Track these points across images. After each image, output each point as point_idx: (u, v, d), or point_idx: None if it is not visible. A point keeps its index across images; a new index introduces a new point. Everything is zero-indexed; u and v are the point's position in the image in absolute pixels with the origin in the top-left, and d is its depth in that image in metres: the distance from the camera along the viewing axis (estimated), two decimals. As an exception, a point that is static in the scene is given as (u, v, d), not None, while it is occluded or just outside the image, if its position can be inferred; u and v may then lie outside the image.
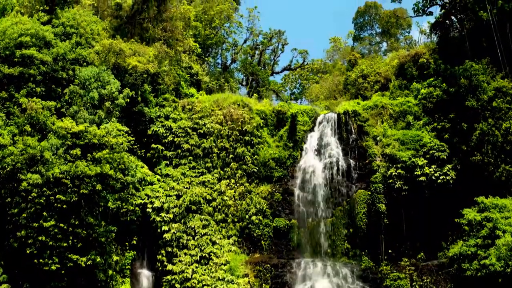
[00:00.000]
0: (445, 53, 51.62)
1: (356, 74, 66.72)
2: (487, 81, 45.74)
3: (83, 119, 39.97)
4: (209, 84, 59.26)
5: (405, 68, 58.45)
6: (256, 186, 44.99)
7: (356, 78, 66.17)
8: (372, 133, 47.19)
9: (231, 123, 46.41)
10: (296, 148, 47.00)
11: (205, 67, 61.38)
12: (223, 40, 67.21)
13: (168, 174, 44.09)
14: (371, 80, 63.90)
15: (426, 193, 43.54)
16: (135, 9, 51.86)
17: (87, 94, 41.48)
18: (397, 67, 60.85)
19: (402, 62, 59.69)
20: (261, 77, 73.47)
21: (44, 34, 45.03)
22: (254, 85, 74.08)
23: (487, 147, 43.40)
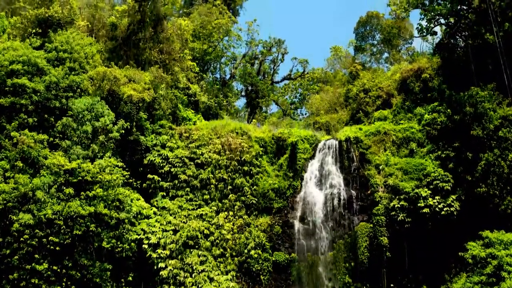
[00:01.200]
0: (449, 75, 50.35)
1: (357, 88, 65.47)
2: (493, 108, 44.45)
3: (76, 156, 38.80)
4: (208, 103, 58.01)
5: (408, 83, 57.34)
6: (255, 218, 43.86)
7: (357, 93, 64.91)
8: (375, 161, 45.97)
9: (229, 152, 45.20)
10: (296, 178, 45.82)
11: (203, 84, 60.12)
12: (222, 54, 65.82)
13: (165, 207, 42.96)
14: (372, 95, 62.62)
15: (429, 224, 42.38)
16: (131, 30, 50.61)
17: (80, 127, 40.29)
18: (399, 82, 59.69)
19: (404, 77, 58.54)
20: (260, 88, 72.14)
21: (36, 61, 43.99)
22: (254, 95, 72.81)
23: (492, 179, 42.20)
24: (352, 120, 64.20)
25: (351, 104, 65.60)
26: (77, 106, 40.58)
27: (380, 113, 57.89)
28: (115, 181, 38.78)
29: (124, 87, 43.92)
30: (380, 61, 78.68)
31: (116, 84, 44.18)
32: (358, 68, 70.10)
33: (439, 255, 42.25)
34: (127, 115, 44.01)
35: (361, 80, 66.21)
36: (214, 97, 60.38)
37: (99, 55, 48.99)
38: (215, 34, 62.86)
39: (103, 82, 43.75)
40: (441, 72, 51.60)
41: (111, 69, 44.43)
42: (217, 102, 59.90)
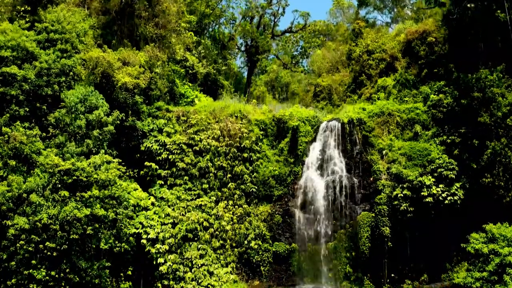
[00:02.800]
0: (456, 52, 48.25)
1: (360, 49, 63.32)
2: (502, 93, 42.82)
3: (70, 154, 37.56)
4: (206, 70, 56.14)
5: (413, 46, 55.50)
6: (255, 207, 43.10)
7: (360, 54, 62.85)
8: (378, 145, 44.76)
9: (228, 139, 43.85)
10: (297, 163, 44.73)
11: (200, 49, 57.93)
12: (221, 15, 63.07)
13: (163, 197, 42.05)
14: (376, 57, 60.74)
15: (432, 213, 41.73)
16: (125, 2, 47.92)
17: (73, 121, 38.80)
18: (404, 44, 57.77)
19: (409, 39, 56.63)
20: (260, 43, 69.78)
21: (26, 45, 41.92)
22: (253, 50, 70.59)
23: (498, 169, 41.22)
24: (355, 83, 62.61)
25: (354, 66, 63.59)
26: (70, 100, 38.93)
27: (384, 81, 56.24)
28: (111, 180, 37.69)
29: (118, 73, 42.04)
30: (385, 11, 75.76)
31: (111, 68, 42.26)
32: (362, 25, 67.47)
33: (441, 244, 41.83)
34: (123, 103, 42.38)
35: (365, 40, 63.91)
36: (213, 63, 58.34)
37: (92, 31, 46.71)
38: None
39: (96, 69, 41.82)
40: (448, 48, 49.45)
41: (104, 54, 42.37)
42: (216, 68, 57.92)
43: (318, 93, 63.73)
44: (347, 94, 62.58)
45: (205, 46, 58.05)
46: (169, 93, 48.25)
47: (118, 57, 43.34)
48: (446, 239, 41.61)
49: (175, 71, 49.59)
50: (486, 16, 46.81)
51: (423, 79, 50.06)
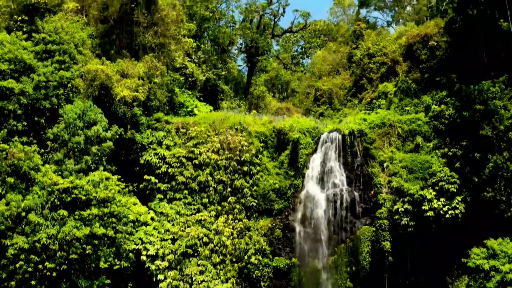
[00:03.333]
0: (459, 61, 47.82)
1: (361, 52, 62.91)
2: (505, 105, 42.54)
3: (68, 172, 37.25)
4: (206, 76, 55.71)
5: (414, 50, 55.20)
6: (256, 221, 42.78)
7: (361, 57, 62.40)
8: (379, 157, 44.46)
9: (228, 152, 43.43)
10: (298, 176, 44.40)
11: (200, 54, 57.40)
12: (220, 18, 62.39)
13: (163, 212, 41.71)
14: (377, 61, 60.27)
15: (433, 227, 41.58)
16: (123, 10, 47.31)
17: (72, 138, 38.43)
18: (405, 48, 57.45)
19: (410, 42, 56.40)
20: (260, 45, 69.24)
21: (24, 58, 41.57)
22: (253, 51, 70.02)
23: (500, 183, 41.07)
24: (356, 87, 62.21)
25: (355, 70, 63.18)
26: (69, 116, 38.53)
27: (385, 87, 55.91)
28: (111, 197, 37.43)
29: (117, 86, 41.56)
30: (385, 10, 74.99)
31: (109, 80, 41.82)
32: (362, 26, 67.04)
33: (441, 258, 41.80)
34: (121, 116, 42.03)
35: (365, 42, 63.45)
36: (213, 68, 57.85)
37: (90, 40, 46.20)
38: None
39: (95, 82, 41.39)
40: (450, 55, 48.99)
41: (103, 67, 41.86)
42: (215, 74, 57.44)
43: (319, 97, 63.30)
44: (347, 98, 62.19)
45: (205, 51, 57.47)
46: (169, 103, 47.91)
47: (116, 69, 42.85)
48: (447, 253, 41.51)
49: (174, 79, 49.18)
50: (488, 24, 46.43)
51: (424, 88, 49.68)
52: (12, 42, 42.06)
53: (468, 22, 47.32)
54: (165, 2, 48.47)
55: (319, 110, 62.26)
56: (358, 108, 59.91)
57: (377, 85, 59.88)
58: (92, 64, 42.17)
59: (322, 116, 61.26)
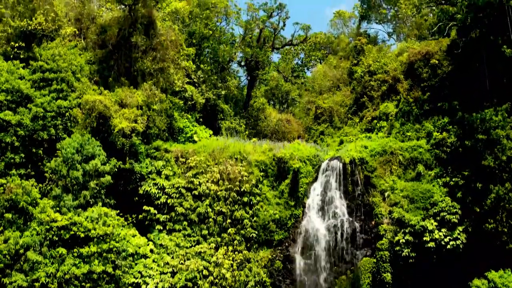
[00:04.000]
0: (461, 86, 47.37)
1: (362, 69, 62.44)
2: (507, 135, 42.08)
3: (66, 209, 36.96)
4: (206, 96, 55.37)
5: (415, 68, 54.83)
6: (256, 252, 42.45)
7: (362, 75, 62.00)
8: (380, 186, 44.09)
9: (228, 182, 43.11)
10: (298, 206, 44.07)
11: (200, 74, 56.96)
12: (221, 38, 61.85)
13: (162, 244, 41.43)
14: (378, 78, 59.89)
15: (434, 258, 41.25)
16: (122, 35, 46.84)
17: (70, 172, 38.11)
18: (406, 65, 57.00)
19: (411, 60, 55.90)
20: (260, 59, 68.80)
21: (21, 88, 41.32)
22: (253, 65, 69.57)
23: (502, 214, 40.65)
24: (356, 105, 61.82)
25: (355, 87, 62.72)
26: (67, 151, 38.18)
27: (386, 107, 55.55)
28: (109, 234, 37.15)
29: (115, 116, 41.18)
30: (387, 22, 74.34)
31: (108, 111, 41.45)
32: (363, 41, 66.56)
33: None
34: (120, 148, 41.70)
35: (366, 59, 62.98)
36: (213, 87, 57.43)
37: (88, 67, 45.80)
38: (212, 16, 58.82)
39: (93, 113, 41.04)
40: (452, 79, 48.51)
41: (101, 97, 41.46)
42: (215, 94, 57.04)
43: (319, 115, 62.91)
44: (348, 116, 61.79)
45: (204, 70, 57.01)
46: (168, 128, 47.57)
47: (115, 99, 42.44)
48: (448, 285, 41.12)
49: (173, 103, 48.74)
50: (491, 50, 45.94)
51: (426, 113, 49.15)
52: (9, 71, 41.84)
53: (470, 46, 46.81)
54: (164, 25, 47.98)
55: (319, 128, 61.89)
56: (359, 126, 59.61)
57: (378, 103, 59.53)
58: (90, 95, 41.81)
59: (322, 135, 60.98)
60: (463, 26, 47.05)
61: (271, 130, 75.90)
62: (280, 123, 78.80)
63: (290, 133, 76.98)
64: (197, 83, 56.21)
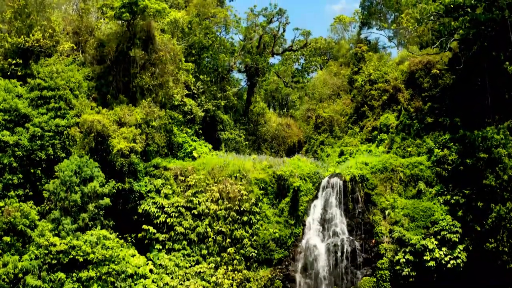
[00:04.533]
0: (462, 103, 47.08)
1: (362, 78, 62.04)
2: (509, 153, 41.82)
3: (65, 233, 36.74)
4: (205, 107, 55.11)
5: (416, 77, 54.68)
6: (255, 271, 42.17)
7: (362, 84, 61.64)
8: (381, 204, 43.90)
9: (227, 202, 42.84)
10: (298, 224, 43.84)
11: (199, 85, 56.59)
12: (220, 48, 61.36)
13: (162, 264, 41.22)
14: (378, 88, 59.55)
15: (434, 276, 41.11)
16: (120, 49, 46.44)
17: (68, 195, 37.87)
18: (407, 75, 56.78)
19: (412, 70, 55.81)
20: (260, 65, 68.39)
21: (19, 107, 41.07)
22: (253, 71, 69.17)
23: (503, 234, 40.46)
24: (357, 114, 61.53)
25: (356, 96, 62.37)
26: (65, 174, 37.92)
27: (386, 119, 55.32)
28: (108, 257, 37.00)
29: (114, 137, 40.89)
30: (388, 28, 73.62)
31: (106, 130, 41.18)
32: (364, 49, 66.10)
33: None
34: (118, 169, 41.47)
35: (367, 67, 62.58)
36: (212, 98, 57.08)
37: (86, 83, 45.45)
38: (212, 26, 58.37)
39: (91, 134, 40.76)
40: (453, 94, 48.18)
41: (99, 117, 41.15)
42: (215, 105, 56.74)
43: (319, 124, 62.59)
44: (348, 125, 61.47)
45: (204, 81, 56.63)
46: (167, 144, 47.25)
47: (113, 118, 42.13)
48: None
49: (172, 117, 48.42)
50: (493, 66, 45.62)
51: (427, 127, 48.80)
52: (6, 89, 41.60)
53: (472, 61, 46.47)
54: (163, 38, 47.51)
55: (319, 138, 61.59)
56: (359, 136, 59.35)
57: (378, 113, 59.25)
58: (88, 114, 41.56)
59: (322, 145, 60.69)
60: (464, 40, 46.65)
61: (271, 135, 75.79)
62: (280, 128, 78.64)
63: (290, 137, 76.93)
64: (196, 94, 55.85)
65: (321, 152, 59.76)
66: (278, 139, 76.77)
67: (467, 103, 46.86)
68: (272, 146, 75.89)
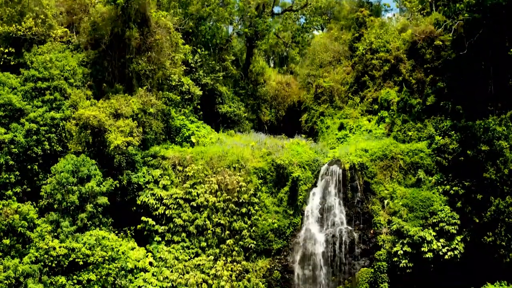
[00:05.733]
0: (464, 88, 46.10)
1: (363, 46, 60.75)
2: (510, 145, 41.39)
3: (64, 235, 36.80)
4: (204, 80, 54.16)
5: (418, 48, 53.94)
6: (254, 261, 42.56)
7: (363, 52, 60.39)
8: (380, 194, 43.81)
9: (226, 194, 42.65)
10: (297, 214, 43.82)
11: (197, 58, 55.34)
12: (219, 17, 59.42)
13: (161, 257, 41.49)
14: (380, 57, 58.50)
15: (431, 267, 41.54)
16: (115, 33, 45.05)
17: (66, 196, 37.69)
18: (409, 45, 55.87)
19: (415, 40, 54.85)
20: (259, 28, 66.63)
21: (13, 101, 40.31)
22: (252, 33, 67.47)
23: (501, 228, 40.66)
24: (357, 83, 60.61)
25: (357, 65, 61.17)
26: (61, 176, 37.56)
27: (388, 94, 54.72)
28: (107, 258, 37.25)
29: (111, 133, 40.25)
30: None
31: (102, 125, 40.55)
32: (366, 13, 64.36)
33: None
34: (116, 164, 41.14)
35: (368, 35, 61.11)
36: (210, 72, 55.92)
37: (81, 70, 44.34)
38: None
39: (87, 131, 40.15)
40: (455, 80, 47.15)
41: (95, 112, 40.32)
42: (213, 78, 55.64)
43: (319, 94, 61.60)
44: (349, 95, 60.65)
45: (201, 55, 55.30)
46: (165, 128, 46.63)
47: (109, 111, 41.36)
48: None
49: (170, 99, 47.55)
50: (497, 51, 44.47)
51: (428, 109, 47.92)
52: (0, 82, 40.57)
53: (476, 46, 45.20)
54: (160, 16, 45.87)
55: (319, 109, 60.78)
56: (359, 107, 58.73)
57: (379, 83, 58.43)
58: (83, 108, 40.78)
59: (322, 116, 60.01)
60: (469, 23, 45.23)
61: (271, 96, 75.10)
62: (280, 87, 77.83)
63: (290, 96, 76.29)
64: (194, 68, 54.68)
65: (321, 124, 59.19)
66: (278, 99, 76.19)
67: (469, 89, 45.89)
68: (272, 106, 75.41)
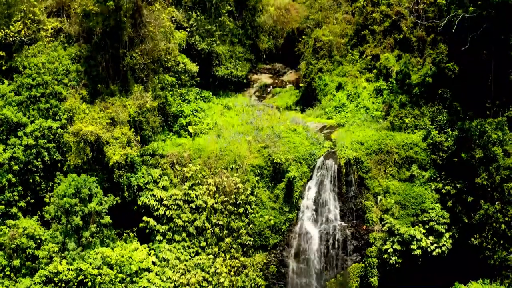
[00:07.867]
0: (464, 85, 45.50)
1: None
2: (505, 150, 41.98)
3: (71, 258, 38.58)
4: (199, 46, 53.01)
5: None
6: (252, 257, 44.70)
7: (364, 5, 58.55)
8: (374, 189, 44.99)
9: (224, 196, 43.80)
10: (293, 209, 45.30)
11: (193, 23, 53.60)
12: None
13: (164, 257, 43.54)
14: (381, 11, 57.10)
15: (419, 262, 43.86)
16: (107, 24, 43.48)
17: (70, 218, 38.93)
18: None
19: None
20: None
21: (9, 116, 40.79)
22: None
23: (488, 232, 42.25)
24: (357, 37, 59.63)
25: (357, 17, 59.43)
26: (64, 201, 38.44)
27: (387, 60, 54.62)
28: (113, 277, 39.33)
29: (109, 148, 40.48)
30: None
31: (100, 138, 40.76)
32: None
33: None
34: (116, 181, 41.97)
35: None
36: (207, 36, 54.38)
37: (74, 66, 43.47)
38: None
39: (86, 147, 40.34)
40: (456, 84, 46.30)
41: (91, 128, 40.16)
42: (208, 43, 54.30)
43: (318, 49, 60.10)
44: (348, 49, 59.57)
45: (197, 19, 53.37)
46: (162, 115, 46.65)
47: (106, 122, 41.23)
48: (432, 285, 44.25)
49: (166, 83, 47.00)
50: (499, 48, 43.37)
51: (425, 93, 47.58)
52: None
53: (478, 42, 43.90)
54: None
55: (317, 65, 59.64)
56: (358, 64, 58.15)
57: (379, 39, 57.63)
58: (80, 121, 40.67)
59: (321, 72, 59.17)
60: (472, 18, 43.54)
61: (269, 26, 73.51)
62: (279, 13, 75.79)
63: (289, 23, 74.62)
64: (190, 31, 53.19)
65: (319, 81, 58.58)
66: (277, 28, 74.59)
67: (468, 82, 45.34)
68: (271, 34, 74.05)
